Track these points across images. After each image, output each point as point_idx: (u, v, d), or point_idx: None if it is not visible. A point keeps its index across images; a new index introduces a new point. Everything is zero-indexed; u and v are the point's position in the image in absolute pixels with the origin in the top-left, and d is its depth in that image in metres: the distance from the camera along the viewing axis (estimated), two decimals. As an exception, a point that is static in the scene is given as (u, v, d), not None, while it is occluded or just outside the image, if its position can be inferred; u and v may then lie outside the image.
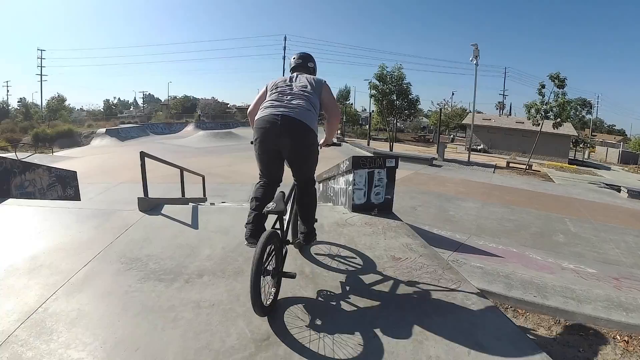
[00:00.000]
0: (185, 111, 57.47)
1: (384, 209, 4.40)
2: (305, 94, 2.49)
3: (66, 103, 50.04)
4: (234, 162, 15.26)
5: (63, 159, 21.29)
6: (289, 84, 2.56)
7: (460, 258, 4.59)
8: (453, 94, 68.97)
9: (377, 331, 2.05)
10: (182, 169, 5.79)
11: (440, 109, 36.05)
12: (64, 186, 7.77)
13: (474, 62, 18.76)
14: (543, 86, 18.19)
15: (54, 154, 26.07)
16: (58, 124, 38.60)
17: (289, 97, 2.44)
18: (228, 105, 66.24)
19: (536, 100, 18.58)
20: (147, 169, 4.43)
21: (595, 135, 48.42)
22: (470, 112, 44.38)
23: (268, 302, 2.05)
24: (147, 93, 76.38)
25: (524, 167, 20.65)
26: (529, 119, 19.85)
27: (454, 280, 2.82)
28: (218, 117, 54.25)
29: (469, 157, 21.17)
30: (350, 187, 4.34)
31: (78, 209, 4.24)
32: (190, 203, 5.39)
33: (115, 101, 61.54)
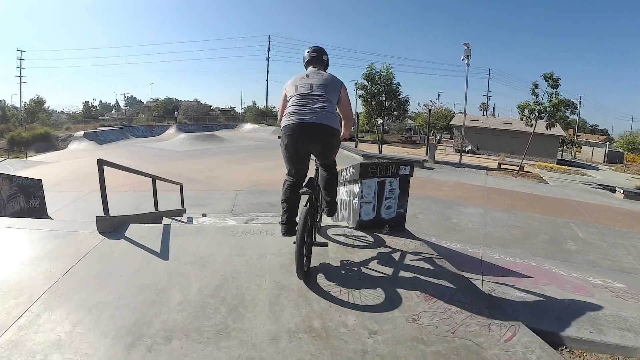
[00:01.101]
0: (168, 113, 56.30)
1: (396, 225, 3.75)
2: (326, 95, 2.66)
3: (46, 105, 48.00)
4: (216, 166, 14.41)
5: (36, 164, 20.00)
6: (308, 81, 2.70)
7: (492, 284, 3.99)
8: (439, 95, 69.39)
9: None
10: (154, 178, 5.00)
11: (430, 110, 35.88)
12: (28, 197, 6.87)
13: (466, 61, 18.47)
14: (536, 86, 17.99)
15: (29, 158, 24.62)
16: (35, 127, 36.70)
17: (312, 99, 2.61)
18: (211, 107, 65.21)
19: (529, 101, 18.40)
20: (120, 176, 3.65)
21: (579, 135, 49.39)
22: (457, 113, 44.59)
23: (306, 268, 2.48)
24: (130, 95, 74.89)
25: (516, 168, 20.46)
26: (522, 119, 19.65)
27: (506, 326, 2.20)
28: (201, 119, 53.16)
29: (460, 159, 20.86)
30: (356, 200, 3.67)
31: (28, 229, 3.45)
32: (163, 219, 4.64)
33: (95, 103, 59.55)
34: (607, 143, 39.88)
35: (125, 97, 68.82)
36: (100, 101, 78.48)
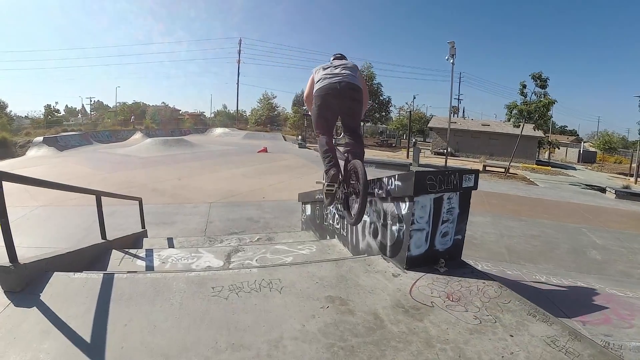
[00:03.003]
0: (135, 118, 53.71)
1: (452, 258, 2.68)
2: (351, 67, 3.11)
3: (8, 110, 44.11)
4: (185, 174, 12.83)
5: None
6: (336, 63, 3.14)
7: (590, 328, 2.98)
8: (414, 97, 69.81)
9: None
10: (98, 195, 3.62)
11: (410, 112, 35.46)
12: None
13: (450, 60, 17.89)
14: (524, 86, 17.62)
15: (-20, 167, 21.63)
16: (-8, 133, 33.19)
17: (340, 69, 3.03)
18: (180, 112, 63.16)
19: (516, 101, 18.00)
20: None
21: (549, 136, 50.94)
22: (435, 115, 44.72)
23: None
24: (96, 100, 71.22)
25: (500, 170, 20.14)
26: (509, 120, 19.30)
27: None
28: (169, 123, 50.88)
29: (445, 161, 20.28)
30: (400, 227, 2.52)
31: None
32: (111, 255, 3.29)
33: (58, 106, 55.52)
34: (582, 143, 41.21)
35: (91, 101, 65.44)
36: (66, 106, 75.45)
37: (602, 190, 16.47)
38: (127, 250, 3.39)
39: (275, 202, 8.76)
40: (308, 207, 5.13)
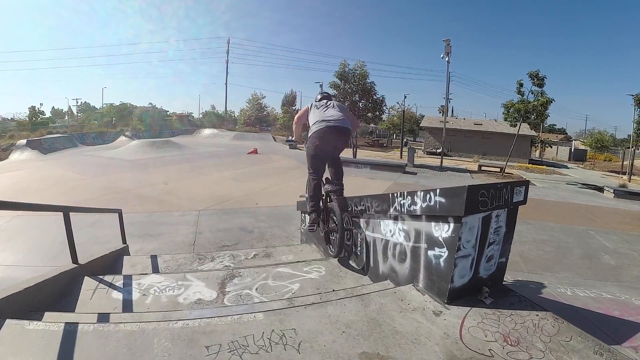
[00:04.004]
0: (122, 119, 52.60)
1: (495, 284, 2.25)
2: (344, 110, 3.70)
3: None
4: (172, 177, 12.18)
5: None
6: (327, 104, 3.66)
7: None
8: (405, 97, 69.60)
9: None
10: (66, 212, 3.05)
11: (403, 111, 35.26)
12: None
13: (446, 58, 17.57)
14: (521, 84, 17.31)
15: (-39, 172, 20.52)
16: (-25, 136, 31.87)
17: (334, 111, 3.57)
18: (168, 113, 62.18)
19: (512, 100, 17.74)
20: (55, 190, 1.81)
21: (539, 135, 51.38)
22: (424, 116, 44.60)
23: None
24: (83, 101, 69.85)
25: (495, 170, 19.94)
26: (506, 120, 19.07)
27: None
28: (156, 125, 49.88)
29: (441, 162, 19.99)
30: (440, 252, 2.05)
31: None
32: (84, 283, 2.76)
33: (41, 108, 53.79)
34: (573, 142, 41.57)
35: (77, 102, 64.33)
36: (53, 107, 74.64)
37: (600, 189, 16.36)
38: (101, 278, 2.84)
39: (270, 208, 8.23)
40: (307, 217, 4.63)
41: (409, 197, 2.21)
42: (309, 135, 3.57)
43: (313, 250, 4.29)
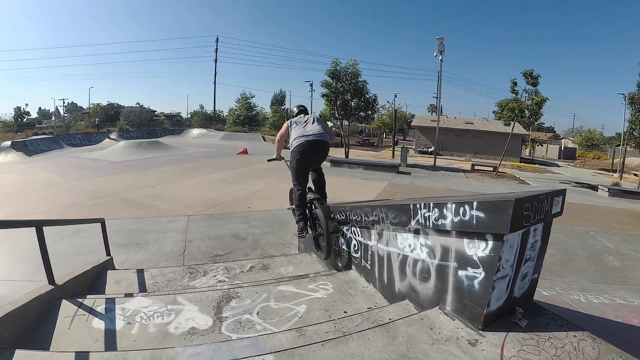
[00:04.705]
0: (109, 119, 51.61)
1: (527, 302, 2.06)
2: (321, 122, 4.01)
3: None
4: (160, 180, 11.74)
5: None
6: (306, 120, 3.99)
7: None
8: (395, 96, 69.39)
9: None
10: (39, 226, 2.71)
11: (395, 110, 35.18)
12: None
13: (439, 57, 17.45)
14: (515, 83, 17.28)
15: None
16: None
17: (313, 125, 3.91)
18: (155, 113, 61.17)
19: (506, 98, 17.67)
20: (35, 197, 1.57)
21: (530, 134, 51.95)
22: (414, 115, 44.64)
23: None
24: (70, 101, 68.56)
25: (488, 169, 19.93)
26: (500, 119, 19.05)
27: None
28: (144, 125, 49.00)
29: (434, 161, 19.88)
30: (474, 273, 1.80)
31: None
32: (61, 305, 2.46)
33: (27, 108, 52.56)
34: (563, 140, 42.07)
35: (64, 103, 63.12)
36: (40, 108, 74.36)
37: (593, 188, 16.44)
38: (81, 302, 2.51)
39: (263, 212, 7.91)
40: (297, 226, 4.35)
41: (435, 209, 1.94)
42: (291, 150, 3.89)
43: (313, 261, 4.01)
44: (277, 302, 2.42)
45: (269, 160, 4.73)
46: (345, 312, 2.33)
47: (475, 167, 20.44)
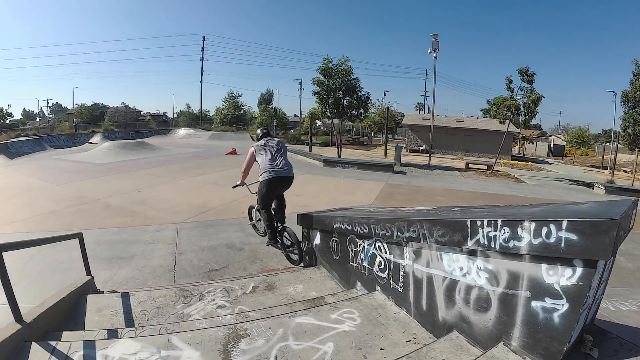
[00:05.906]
0: (94, 120, 50.45)
1: (590, 327, 1.68)
2: (285, 153, 4.82)
3: None
4: (146, 183, 11.14)
5: None
6: (271, 146, 4.75)
7: None
8: (385, 94, 69.56)
9: None
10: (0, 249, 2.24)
11: (387, 109, 34.97)
12: None
13: (434, 54, 17.21)
14: (511, 81, 17.10)
15: None
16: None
17: (280, 159, 4.67)
18: (141, 113, 60.12)
19: (502, 96, 17.54)
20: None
21: (520, 132, 52.39)
22: (404, 114, 44.57)
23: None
24: (55, 102, 66.97)
25: (484, 168, 19.82)
26: (496, 117, 18.91)
27: None
28: (129, 125, 47.94)
29: (429, 160, 19.68)
30: (558, 305, 1.42)
31: None
32: (30, 349, 2.00)
33: (9, 109, 51.16)
34: (552, 138, 42.55)
35: (48, 103, 61.63)
36: (24, 109, 74.26)
37: (589, 185, 16.45)
38: (54, 346, 2.05)
39: (258, 217, 7.46)
40: (317, 235, 3.94)
41: (506, 228, 1.56)
42: (260, 179, 4.60)
43: (324, 277, 3.60)
44: (297, 340, 2.01)
45: (233, 187, 5.26)
46: (381, 348, 1.94)
47: (470, 166, 20.31)
